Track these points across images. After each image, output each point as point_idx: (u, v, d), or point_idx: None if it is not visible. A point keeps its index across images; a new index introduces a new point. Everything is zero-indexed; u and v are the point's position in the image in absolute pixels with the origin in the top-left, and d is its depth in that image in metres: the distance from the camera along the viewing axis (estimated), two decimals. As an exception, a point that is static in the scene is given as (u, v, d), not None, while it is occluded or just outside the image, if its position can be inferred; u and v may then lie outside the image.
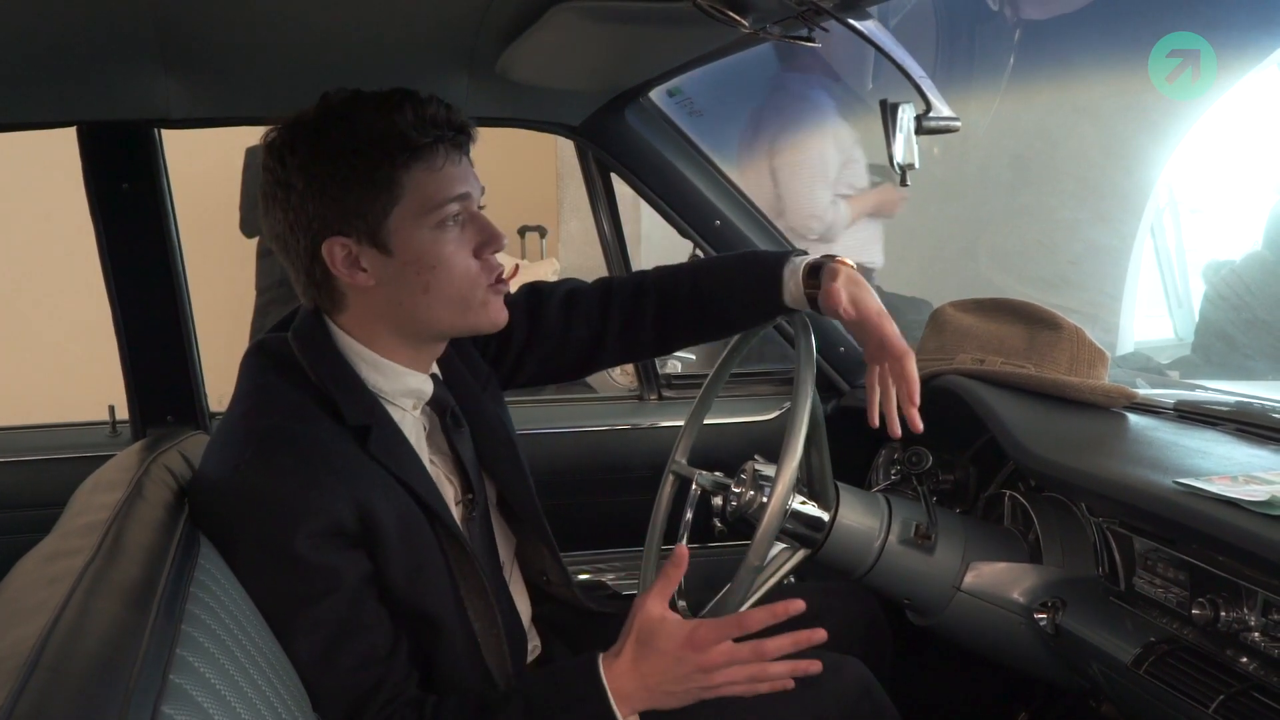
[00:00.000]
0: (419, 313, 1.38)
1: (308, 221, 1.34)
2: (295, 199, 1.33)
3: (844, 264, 1.55)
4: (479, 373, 1.61)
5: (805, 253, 1.62)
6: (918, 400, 1.52)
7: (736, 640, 1.32)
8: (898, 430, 1.53)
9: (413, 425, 1.46)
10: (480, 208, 1.41)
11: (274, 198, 1.36)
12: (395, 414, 1.42)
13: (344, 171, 1.31)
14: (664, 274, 1.70)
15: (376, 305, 1.38)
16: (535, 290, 1.70)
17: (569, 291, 1.70)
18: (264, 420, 1.33)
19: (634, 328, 1.69)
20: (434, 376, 1.48)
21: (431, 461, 1.47)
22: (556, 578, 1.67)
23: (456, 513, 1.47)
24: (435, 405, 1.49)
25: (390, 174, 1.31)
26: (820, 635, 1.33)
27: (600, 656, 1.34)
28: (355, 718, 1.31)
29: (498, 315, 1.42)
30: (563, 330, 1.68)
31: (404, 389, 1.43)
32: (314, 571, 1.28)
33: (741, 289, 1.63)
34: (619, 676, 1.32)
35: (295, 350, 1.40)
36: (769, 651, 1.31)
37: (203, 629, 1.06)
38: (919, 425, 1.51)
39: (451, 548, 1.40)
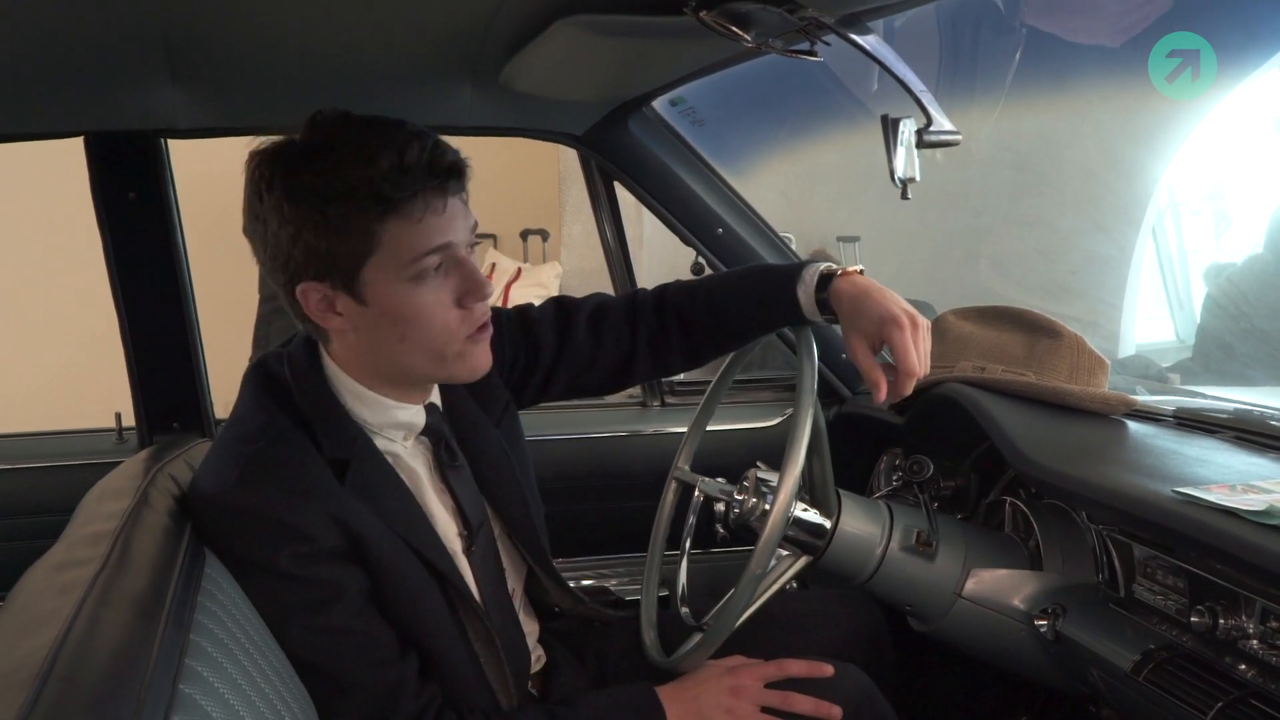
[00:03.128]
0: (396, 360, 1.35)
1: (284, 261, 1.30)
2: (271, 237, 1.29)
3: (850, 273, 1.53)
4: (494, 402, 1.58)
5: (814, 262, 1.60)
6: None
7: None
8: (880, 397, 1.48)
9: (410, 454, 1.44)
10: (473, 245, 1.36)
11: (254, 230, 1.32)
12: (384, 444, 1.41)
13: (317, 219, 1.25)
14: (681, 292, 1.68)
15: (354, 347, 1.36)
16: (563, 306, 1.68)
17: (596, 307, 1.68)
18: (251, 445, 1.33)
19: (662, 345, 1.67)
20: (431, 406, 1.46)
21: (442, 489, 1.47)
22: (567, 605, 1.68)
23: (459, 544, 1.46)
24: (430, 436, 1.46)
25: (364, 226, 1.26)
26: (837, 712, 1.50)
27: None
28: (384, 718, 1.32)
29: (476, 365, 1.38)
30: (592, 348, 1.66)
31: (391, 422, 1.41)
32: (308, 583, 1.29)
33: (758, 307, 1.62)
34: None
35: (287, 374, 1.41)
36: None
37: (211, 638, 1.07)
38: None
39: (444, 580, 1.40)
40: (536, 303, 1.70)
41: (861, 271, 1.54)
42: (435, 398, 1.49)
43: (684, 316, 1.66)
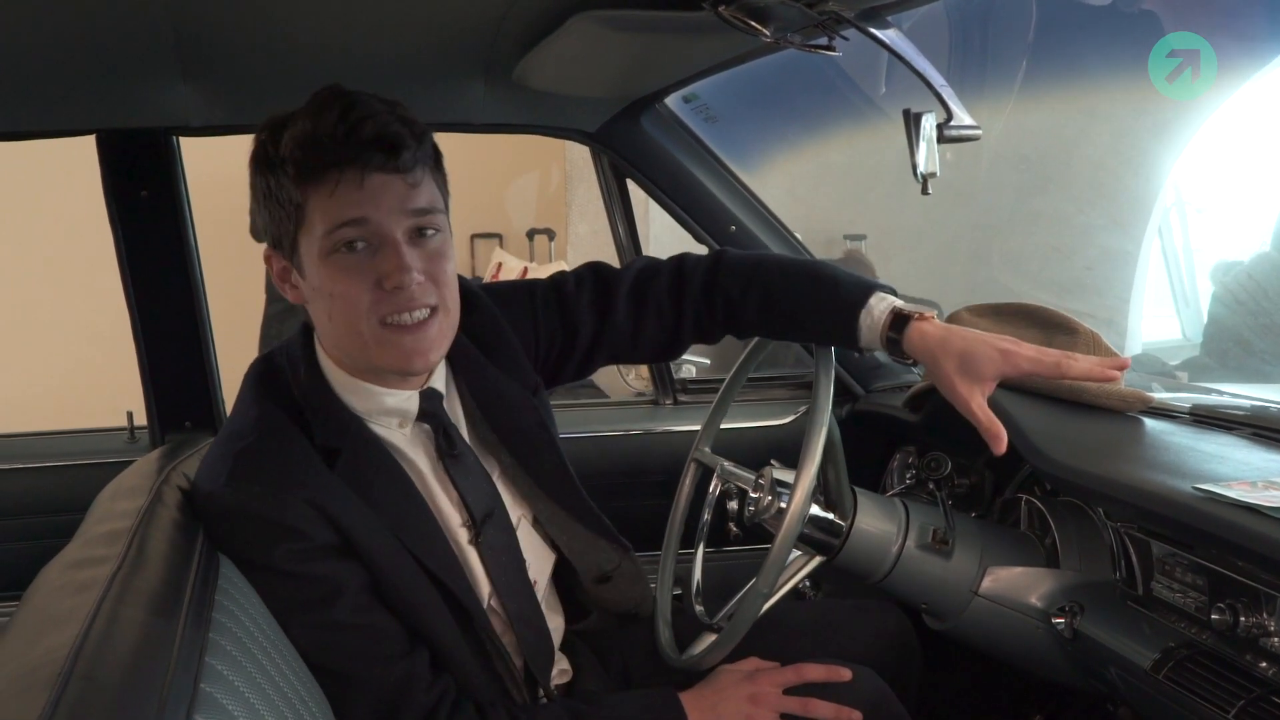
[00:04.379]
0: (336, 339, 1.35)
1: (260, 230, 1.36)
2: (251, 208, 1.35)
3: (926, 319, 1.48)
4: (526, 381, 1.55)
5: (880, 288, 1.54)
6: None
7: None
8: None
9: (409, 444, 1.42)
10: (424, 230, 1.32)
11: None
12: (381, 432, 1.40)
13: (264, 186, 1.30)
14: (735, 276, 1.60)
15: (317, 324, 1.38)
16: (603, 280, 1.62)
17: (637, 283, 1.61)
18: (240, 443, 1.33)
19: (707, 324, 1.62)
20: (429, 392, 1.43)
21: (445, 479, 1.45)
22: (619, 561, 1.60)
23: (464, 536, 1.44)
24: (429, 423, 1.44)
25: (290, 196, 1.28)
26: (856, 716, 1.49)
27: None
28: (396, 713, 1.32)
29: (399, 358, 1.33)
30: (633, 329, 1.60)
31: (380, 408, 1.39)
32: (307, 581, 1.29)
33: (814, 323, 1.56)
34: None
35: (285, 364, 1.41)
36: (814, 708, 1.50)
37: (229, 636, 1.07)
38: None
39: (434, 576, 1.38)
40: None
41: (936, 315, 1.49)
42: (437, 382, 1.45)
43: (732, 303, 1.60)
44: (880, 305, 1.50)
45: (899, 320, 1.48)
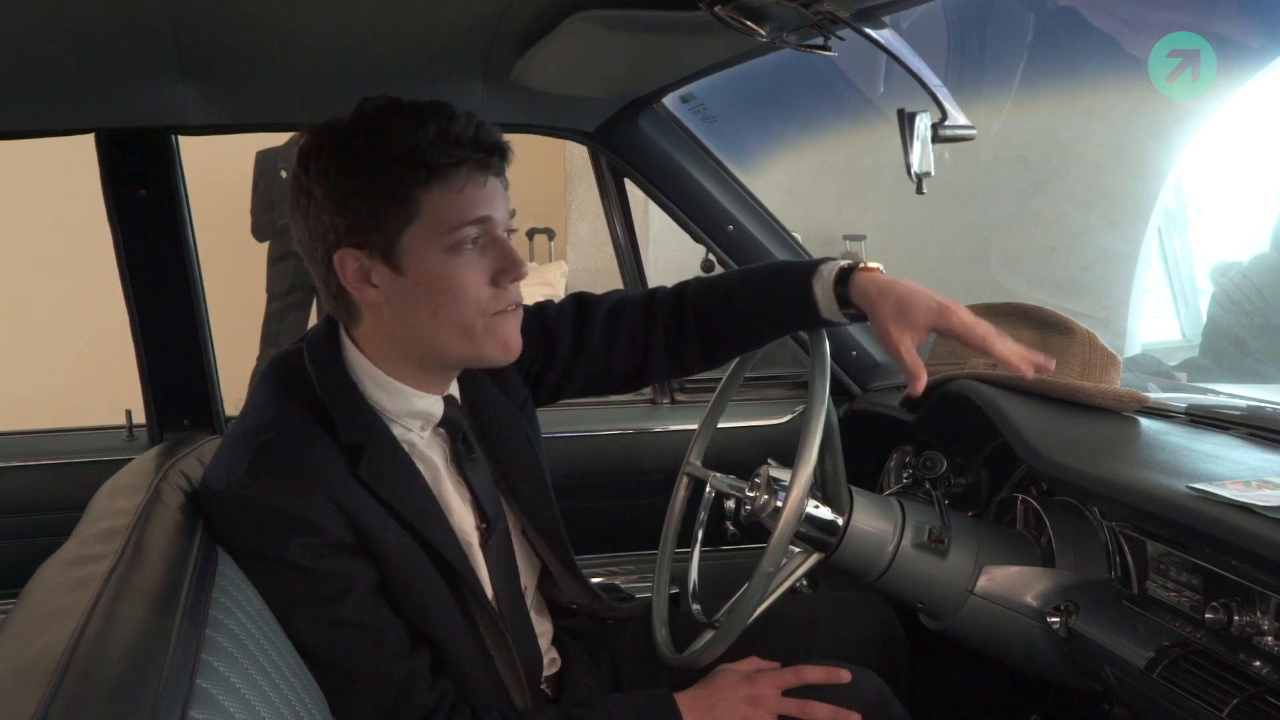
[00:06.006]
0: (425, 337, 1.35)
1: (324, 231, 1.32)
2: (314, 207, 1.32)
3: (871, 269, 1.51)
4: (515, 394, 1.58)
5: (832, 259, 1.57)
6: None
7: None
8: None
9: (426, 445, 1.44)
10: (510, 231, 1.38)
11: (297, 204, 1.34)
12: (400, 433, 1.40)
13: (363, 185, 1.29)
14: (700, 289, 1.66)
15: (386, 323, 1.36)
16: (582, 304, 1.67)
17: (614, 305, 1.66)
18: (260, 437, 1.33)
19: (679, 343, 1.65)
20: (449, 398, 1.46)
21: (459, 481, 1.46)
22: (583, 601, 1.65)
23: (475, 538, 1.45)
24: (447, 428, 1.46)
25: (408, 192, 1.29)
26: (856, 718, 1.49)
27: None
28: (396, 712, 1.32)
29: (507, 342, 1.38)
30: (607, 347, 1.64)
31: (408, 410, 1.41)
32: (318, 576, 1.29)
33: (776, 307, 1.60)
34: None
35: (306, 360, 1.40)
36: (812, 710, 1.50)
37: (226, 634, 1.07)
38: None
39: (453, 575, 1.39)
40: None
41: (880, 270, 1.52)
42: (454, 390, 1.48)
43: (701, 314, 1.64)
44: (829, 267, 1.55)
45: (846, 275, 1.53)
